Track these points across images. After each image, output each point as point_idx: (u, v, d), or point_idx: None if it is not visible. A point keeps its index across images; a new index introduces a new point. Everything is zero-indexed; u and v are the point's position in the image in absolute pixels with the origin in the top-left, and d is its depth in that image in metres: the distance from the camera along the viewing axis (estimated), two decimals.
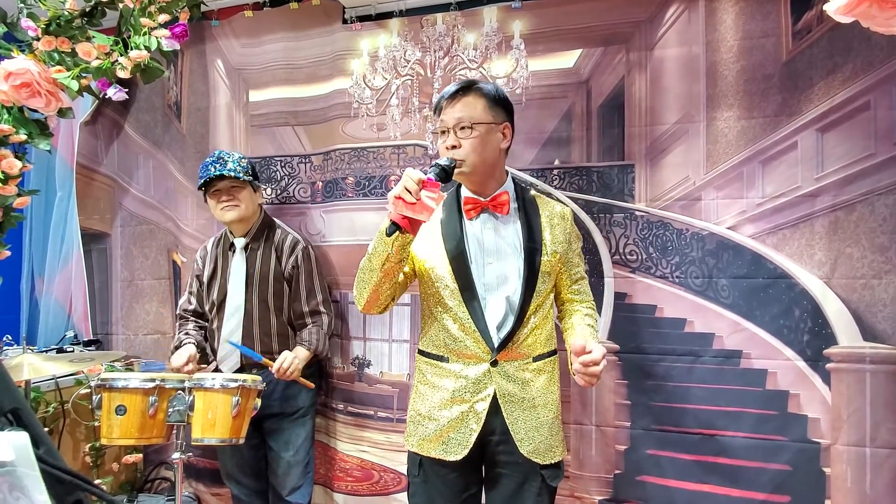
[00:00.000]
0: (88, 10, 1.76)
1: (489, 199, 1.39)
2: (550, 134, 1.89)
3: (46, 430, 2.26)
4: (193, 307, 2.04)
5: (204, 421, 1.58)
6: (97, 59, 1.80)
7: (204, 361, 1.97)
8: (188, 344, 1.89)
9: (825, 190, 1.62)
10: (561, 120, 1.88)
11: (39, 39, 1.76)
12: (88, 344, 2.45)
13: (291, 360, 1.81)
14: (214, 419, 1.57)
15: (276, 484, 1.96)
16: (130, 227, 2.46)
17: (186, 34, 1.87)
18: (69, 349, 2.36)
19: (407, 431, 1.45)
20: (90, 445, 2.24)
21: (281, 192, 2.22)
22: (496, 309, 1.35)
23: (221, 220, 1.94)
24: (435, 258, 1.37)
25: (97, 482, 2.26)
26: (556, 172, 1.89)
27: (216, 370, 1.96)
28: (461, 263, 1.35)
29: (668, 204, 1.78)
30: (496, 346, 1.33)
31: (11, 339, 2.39)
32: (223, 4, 2.24)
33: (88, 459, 2.24)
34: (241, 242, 1.95)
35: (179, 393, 1.59)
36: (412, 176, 1.19)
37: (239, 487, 2.01)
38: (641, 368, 1.78)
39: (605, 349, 1.26)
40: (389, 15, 2.05)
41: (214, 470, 2.20)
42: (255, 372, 1.85)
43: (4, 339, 2.37)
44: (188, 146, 2.36)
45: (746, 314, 1.69)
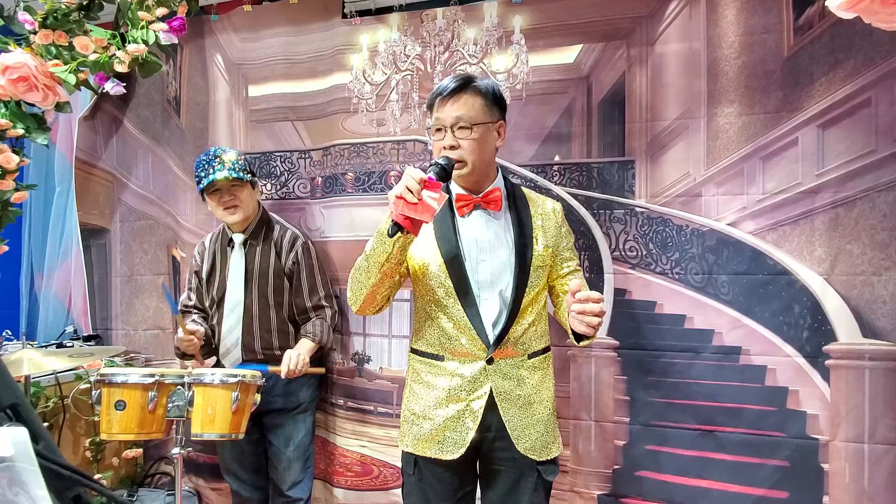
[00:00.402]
0: (85, 3, 1.75)
1: (481, 195, 1.38)
2: (551, 130, 1.89)
3: (46, 424, 2.27)
4: (193, 303, 2.03)
5: (203, 416, 1.57)
6: (95, 53, 1.79)
7: (208, 353, 1.97)
8: (198, 324, 1.90)
9: (826, 186, 1.62)
10: (561, 116, 1.88)
11: (36, 33, 1.75)
12: (88, 339, 2.45)
13: (297, 357, 1.80)
14: (214, 414, 1.57)
15: (276, 479, 1.96)
16: (130, 222, 2.46)
17: (184, 28, 1.86)
18: (69, 344, 2.36)
19: (401, 431, 1.44)
20: (90, 440, 2.24)
21: (280, 187, 2.21)
22: (491, 306, 1.34)
23: (222, 220, 1.93)
24: (428, 256, 1.36)
25: (97, 477, 2.27)
26: (556, 168, 1.88)
27: (217, 365, 1.97)
28: (455, 261, 1.33)
29: (668, 200, 1.78)
30: (491, 343, 1.33)
31: (11, 334, 2.39)
32: None
33: (88, 454, 2.24)
34: (239, 238, 1.94)
35: (179, 388, 1.59)
36: (414, 175, 1.17)
37: (239, 482, 2.02)
38: (641, 364, 1.78)
39: (602, 296, 1.21)
40: (389, 9, 2.04)
41: (214, 465, 2.21)
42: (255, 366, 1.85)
43: (4, 334, 2.37)
44: (187, 141, 2.36)
45: (746, 310, 1.69)
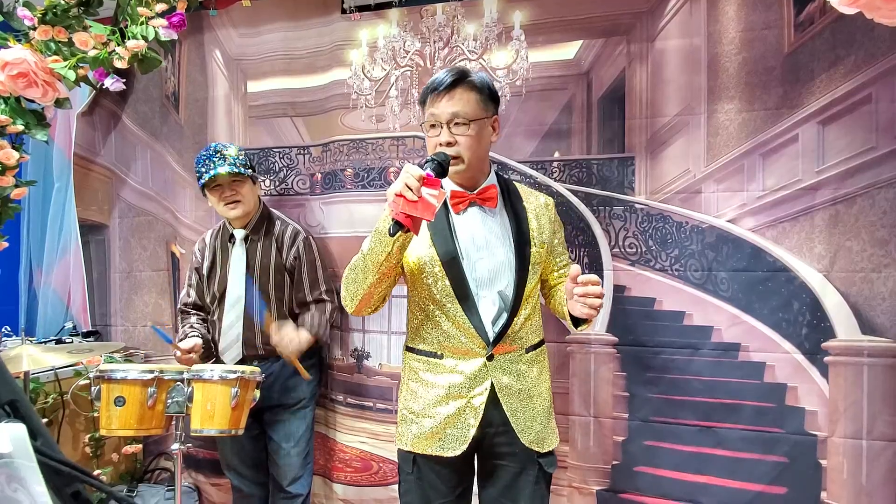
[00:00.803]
0: None
1: (476, 192, 1.37)
2: (550, 126, 1.88)
3: (46, 421, 2.27)
4: (193, 300, 2.03)
5: (203, 412, 1.58)
6: (94, 48, 1.79)
7: (208, 357, 1.96)
8: (194, 336, 1.89)
9: (826, 183, 1.62)
10: (561, 112, 1.87)
11: (36, 29, 1.75)
12: (87, 335, 2.45)
13: (295, 334, 1.80)
14: (213, 410, 1.57)
15: (276, 474, 1.97)
16: (129, 218, 2.46)
17: (184, 24, 1.85)
18: (68, 340, 2.37)
19: (398, 430, 1.43)
20: (90, 436, 2.24)
21: (279, 183, 2.21)
22: (489, 304, 1.34)
23: (224, 216, 1.92)
24: (424, 255, 1.34)
25: (97, 472, 2.28)
26: (555, 165, 1.88)
27: (217, 361, 1.97)
28: (452, 260, 1.32)
29: (668, 197, 1.77)
30: (491, 340, 1.33)
31: (10, 330, 2.39)
32: None
33: (88, 450, 2.25)
34: (240, 234, 1.94)
35: (178, 384, 1.59)
36: (413, 173, 1.15)
37: (239, 478, 2.02)
38: (640, 360, 1.78)
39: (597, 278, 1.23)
40: (389, 5, 2.03)
41: (214, 460, 2.21)
42: (255, 363, 1.85)
43: (3, 330, 2.37)
44: (186, 137, 2.35)
45: (745, 307, 1.69)
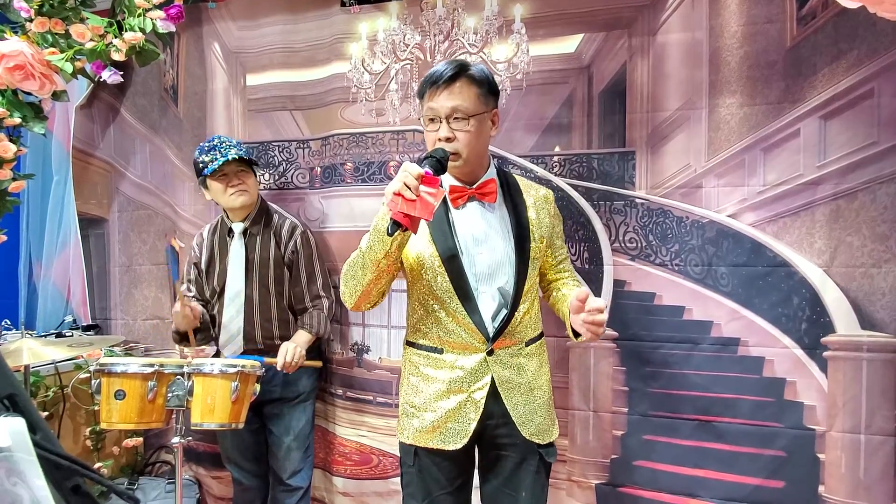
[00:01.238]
0: None
1: (475, 186, 1.36)
2: (551, 120, 1.87)
3: (46, 414, 2.28)
4: (193, 294, 2.03)
5: (203, 406, 1.58)
6: (91, 41, 1.78)
7: (206, 337, 1.97)
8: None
9: (827, 178, 1.61)
10: (562, 106, 1.86)
11: (32, 21, 1.74)
12: (87, 329, 2.45)
13: (293, 350, 1.81)
14: (213, 404, 1.58)
15: (276, 468, 1.98)
16: (128, 212, 2.45)
17: (182, 16, 1.84)
18: (68, 334, 2.37)
19: (399, 424, 1.43)
20: (90, 429, 2.25)
21: (279, 177, 2.20)
22: (489, 299, 1.34)
23: (230, 205, 1.90)
24: (424, 251, 1.34)
25: (98, 465, 2.29)
26: (556, 159, 1.87)
27: (217, 355, 1.97)
28: (452, 256, 1.32)
29: (668, 191, 1.77)
30: (491, 335, 1.33)
31: (10, 323, 2.39)
32: None
33: (89, 443, 2.25)
34: (239, 227, 1.94)
35: (178, 378, 1.59)
36: (411, 171, 1.14)
37: (239, 471, 2.03)
38: (639, 355, 1.78)
39: (605, 301, 1.26)
40: None
41: (215, 454, 2.22)
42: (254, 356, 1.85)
43: (3, 323, 2.37)
44: (185, 131, 2.34)
45: (745, 302, 1.69)
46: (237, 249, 1.93)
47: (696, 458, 1.74)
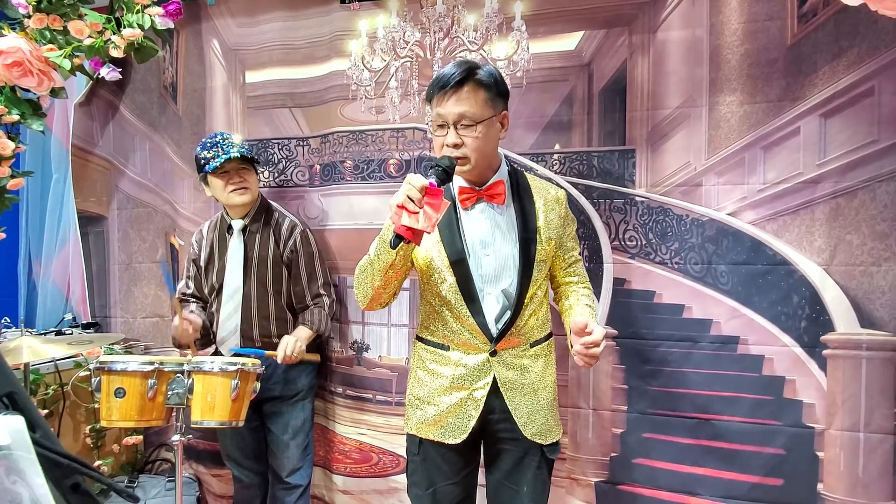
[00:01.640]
0: None
1: (484, 188, 1.37)
2: (551, 118, 1.87)
3: (46, 412, 2.27)
4: (191, 291, 2.03)
5: (203, 404, 1.58)
6: (90, 37, 1.77)
7: (206, 344, 1.97)
8: (196, 314, 1.90)
9: (827, 176, 1.61)
10: (562, 104, 1.86)
11: (30, 17, 1.73)
12: (87, 327, 2.45)
13: (293, 343, 1.81)
14: (213, 402, 1.58)
15: (276, 465, 1.98)
16: (127, 209, 2.45)
17: (180, 12, 1.83)
18: (68, 332, 2.37)
19: (406, 414, 1.47)
20: (90, 427, 2.25)
21: (278, 175, 2.20)
22: (494, 301, 1.35)
23: (230, 202, 1.89)
24: (432, 252, 1.36)
25: (97, 463, 2.29)
26: (556, 157, 1.87)
27: (216, 353, 1.97)
28: (459, 257, 1.33)
29: (668, 189, 1.77)
30: (494, 337, 1.35)
31: (10, 321, 2.39)
32: None
33: (89, 441, 2.25)
34: (238, 225, 1.93)
35: (178, 376, 1.59)
36: (414, 184, 1.15)
37: (239, 469, 2.04)
38: (639, 353, 1.78)
39: (604, 330, 1.27)
40: None
41: (215, 452, 2.22)
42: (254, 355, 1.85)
43: (3, 321, 2.37)
44: (184, 128, 2.34)
45: (745, 300, 1.69)
46: (236, 247, 1.93)
47: (695, 455, 1.74)
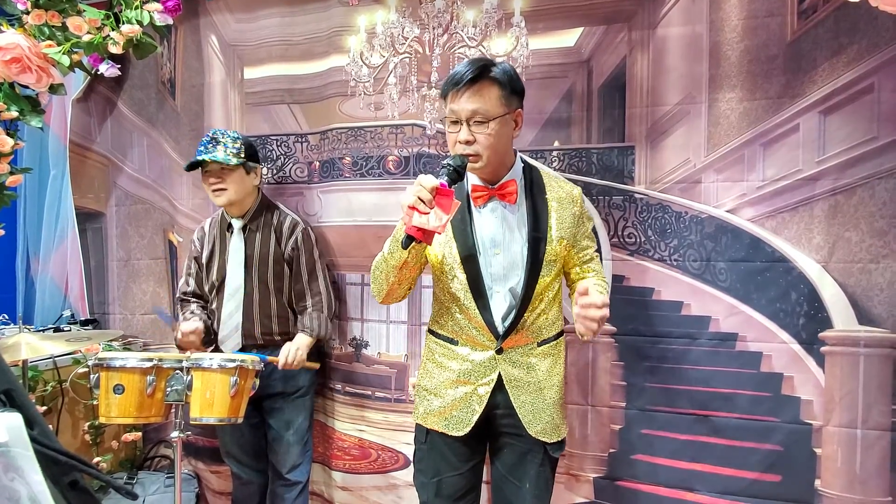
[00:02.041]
0: None
1: (497, 187, 1.37)
2: (550, 114, 1.87)
3: (45, 408, 2.27)
4: (192, 289, 2.03)
5: (202, 400, 1.58)
6: (88, 33, 1.76)
7: (208, 343, 1.97)
8: (195, 320, 1.89)
9: (826, 173, 1.61)
10: (561, 100, 1.86)
11: (29, 13, 1.72)
12: (85, 323, 2.45)
13: (294, 351, 1.82)
14: (213, 398, 1.58)
15: (275, 462, 1.98)
16: (126, 206, 2.44)
17: (179, 8, 1.83)
18: (66, 328, 2.36)
19: (415, 403, 1.51)
20: (89, 424, 2.25)
21: (277, 171, 2.20)
22: (501, 299, 1.36)
23: (213, 201, 1.91)
24: (444, 248, 1.37)
25: (96, 460, 2.29)
26: (555, 154, 1.87)
27: (216, 350, 1.97)
28: (470, 255, 1.34)
29: (667, 186, 1.77)
30: (500, 335, 1.36)
31: (8, 318, 2.38)
32: None
33: (88, 437, 2.26)
34: (238, 223, 1.93)
35: (177, 372, 1.59)
36: (425, 184, 1.15)
37: (238, 466, 2.04)
38: (638, 350, 1.79)
39: (606, 297, 1.23)
40: None
41: (214, 448, 2.22)
42: (254, 353, 1.85)
43: (1, 318, 2.37)
44: (183, 124, 2.33)
45: (743, 297, 1.69)
46: (236, 245, 1.93)
47: (693, 452, 1.74)
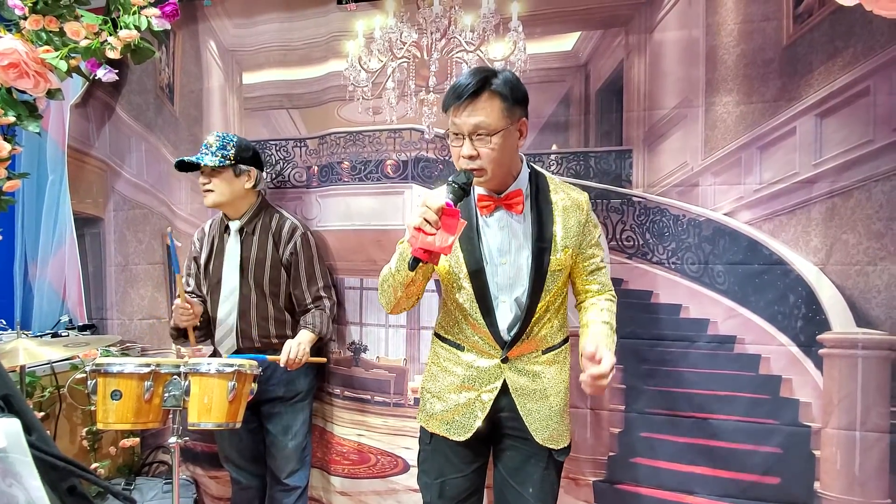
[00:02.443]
0: None
1: (503, 196, 1.36)
2: (548, 118, 1.87)
3: (42, 414, 2.26)
4: (191, 289, 2.03)
5: (200, 406, 1.57)
6: (86, 38, 1.76)
7: (205, 334, 1.96)
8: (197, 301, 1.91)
9: (823, 176, 1.62)
10: (559, 104, 1.86)
11: (27, 18, 1.72)
12: (83, 329, 2.44)
13: (297, 347, 1.80)
14: (210, 404, 1.57)
15: (274, 467, 1.97)
16: (124, 211, 2.44)
17: (177, 13, 1.83)
18: (64, 334, 2.36)
19: (419, 406, 1.51)
20: (87, 430, 2.24)
21: (276, 176, 2.20)
22: (507, 309, 1.36)
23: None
24: (451, 259, 1.37)
25: (94, 466, 2.28)
26: (553, 157, 1.87)
27: (214, 354, 1.96)
28: (477, 267, 1.35)
29: (665, 190, 1.77)
30: (506, 344, 1.36)
31: (6, 323, 2.38)
32: None
33: (86, 443, 2.25)
34: (235, 225, 1.93)
35: (175, 378, 1.59)
36: (431, 205, 1.16)
37: (237, 471, 2.03)
38: (637, 353, 1.79)
39: (613, 359, 1.23)
40: None
41: (212, 453, 2.22)
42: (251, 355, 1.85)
43: None
44: (181, 129, 2.33)
45: (741, 300, 1.70)
46: (233, 247, 1.93)
47: (692, 454, 1.74)
